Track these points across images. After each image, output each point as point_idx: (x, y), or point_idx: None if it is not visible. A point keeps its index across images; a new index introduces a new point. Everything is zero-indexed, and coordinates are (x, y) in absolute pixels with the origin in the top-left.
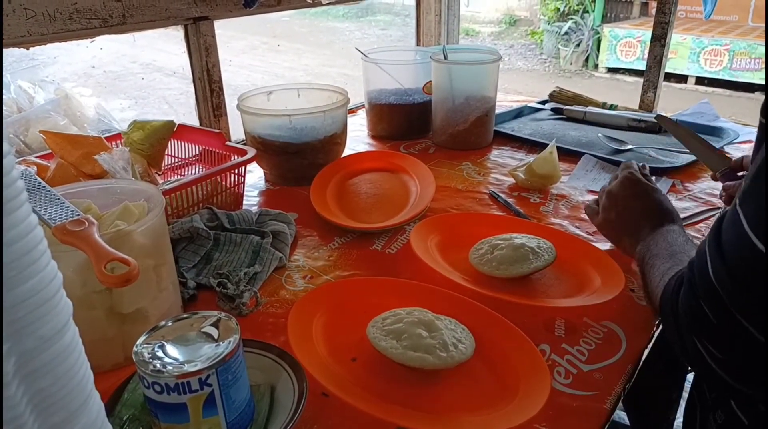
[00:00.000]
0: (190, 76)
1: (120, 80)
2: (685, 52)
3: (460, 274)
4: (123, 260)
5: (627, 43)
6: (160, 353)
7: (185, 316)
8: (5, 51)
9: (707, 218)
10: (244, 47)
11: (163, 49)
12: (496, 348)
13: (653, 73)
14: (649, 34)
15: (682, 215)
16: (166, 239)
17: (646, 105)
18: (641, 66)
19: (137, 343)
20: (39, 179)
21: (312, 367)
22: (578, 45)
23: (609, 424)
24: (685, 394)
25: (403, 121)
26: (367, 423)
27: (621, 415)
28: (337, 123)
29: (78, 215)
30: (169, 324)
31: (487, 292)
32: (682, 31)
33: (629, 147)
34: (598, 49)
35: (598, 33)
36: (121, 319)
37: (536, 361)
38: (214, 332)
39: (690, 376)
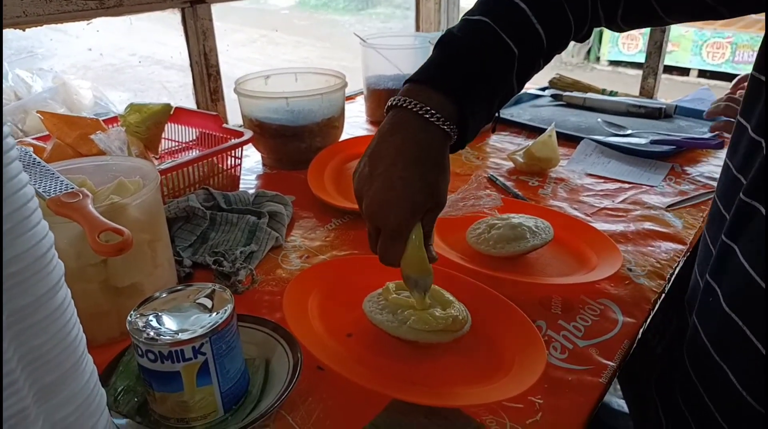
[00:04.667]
0: (190, 68)
1: (119, 73)
2: (687, 45)
3: (457, 253)
4: (116, 230)
5: (629, 35)
6: (154, 322)
7: (179, 287)
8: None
9: (706, 201)
10: (243, 40)
11: (162, 41)
12: (492, 323)
13: (653, 59)
14: None
15: (680, 198)
16: (161, 216)
17: (647, 91)
18: (643, 59)
19: (131, 312)
20: (35, 155)
21: (307, 342)
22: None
23: (609, 412)
24: None
25: None
26: (361, 396)
27: (620, 403)
28: (335, 106)
29: (72, 188)
30: (164, 295)
31: (484, 270)
32: (684, 24)
33: (629, 132)
34: (600, 42)
35: None
36: (116, 292)
37: (532, 336)
38: (209, 303)
39: None
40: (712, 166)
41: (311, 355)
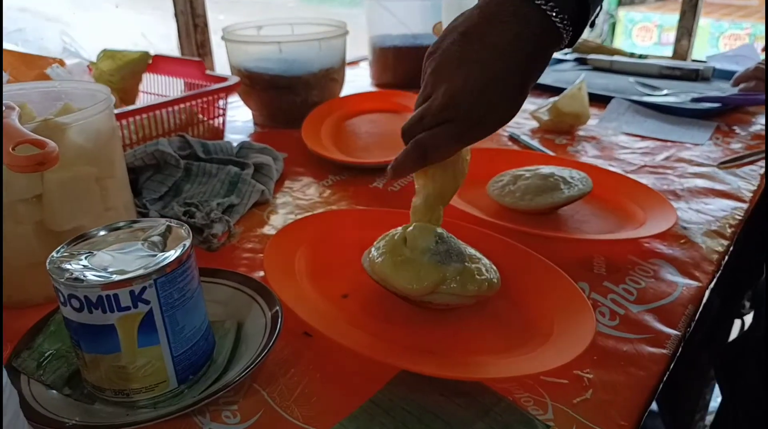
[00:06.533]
0: (174, 18)
1: None
2: (704, 36)
3: (476, 208)
4: (36, 142)
5: (643, 27)
6: (85, 261)
7: (122, 224)
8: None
9: (754, 161)
10: None
11: (166, 35)
12: (523, 282)
13: (687, 18)
14: (666, 17)
15: (726, 157)
16: (114, 148)
17: (680, 54)
18: (658, 51)
19: (56, 249)
20: None
21: (292, 302)
22: (593, 29)
23: None
24: None
25: (410, 66)
26: (359, 367)
27: None
28: (335, 56)
29: None
30: (103, 232)
31: (510, 225)
32: (702, 15)
33: (665, 92)
34: (614, 34)
35: (614, 17)
36: (56, 239)
37: (574, 297)
38: (161, 242)
39: None
40: (758, 126)
41: (297, 319)
